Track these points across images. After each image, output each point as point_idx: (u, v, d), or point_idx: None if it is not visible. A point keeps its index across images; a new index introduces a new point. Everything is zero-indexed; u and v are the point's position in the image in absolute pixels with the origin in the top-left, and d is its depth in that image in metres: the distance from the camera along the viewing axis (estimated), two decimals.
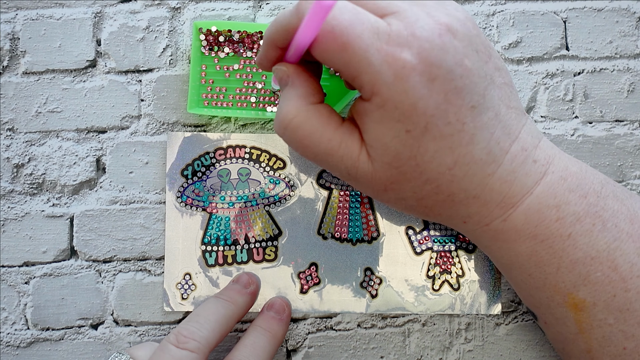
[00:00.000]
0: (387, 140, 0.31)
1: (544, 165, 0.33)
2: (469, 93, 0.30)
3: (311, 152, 0.33)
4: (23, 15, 0.43)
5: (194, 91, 0.41)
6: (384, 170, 0.32)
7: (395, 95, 0.29)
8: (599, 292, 0.33)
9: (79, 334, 0.42)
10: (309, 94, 0.33)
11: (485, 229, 0.34)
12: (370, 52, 0.29)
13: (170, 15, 0.43)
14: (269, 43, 0.33)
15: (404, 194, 0.33)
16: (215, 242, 0.42)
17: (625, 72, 0.43)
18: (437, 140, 0.30)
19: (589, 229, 0.33)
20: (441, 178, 0.31)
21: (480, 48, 0.31)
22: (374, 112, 0.30)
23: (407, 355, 0.42)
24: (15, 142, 0.42)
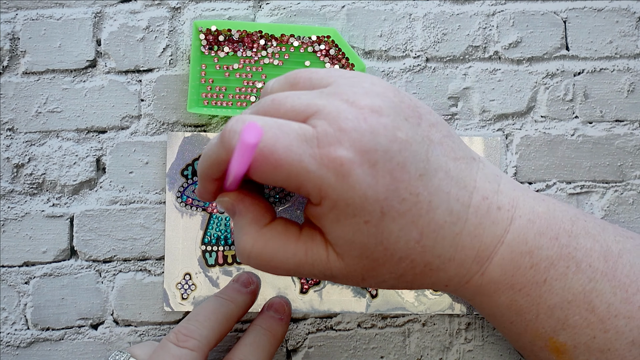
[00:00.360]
0: (350, 236, 0.30)
1: (509, 210, 0.32)
2: (412, 163, 0.30)
3: (282, 270, 0.32)
4: (23, 15, 0.43)
5: (193, 90, 0.41)
6: (355, 263, 0.31)
7: (343, 193, 0.29)
8: (578, 335, 0.33)
9: (79, 334, 0.42)
10: (258, 217, 0.32)
11: (466, 287, 0.33)
12: (306, 161, 0.28)
13: (170, 15, 0.43)
14: (204, 177, 0.32)
15: (382, 277, 0.32)
16: (215, 242, 0.42)
17: (625, 72, 0.43)
18: (397, 220, 0.30)
19: (564, 272, 0.32)
20: (413, 253, 0.31)
21: (408, 113, 0.30)
22: (328, 215, 0.30)
23: (407, 355, 0.42)
24: (15, 142, 0.42)
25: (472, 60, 0.43)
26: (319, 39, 0.41)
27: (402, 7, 0.43)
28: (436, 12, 0.43)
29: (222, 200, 0.33)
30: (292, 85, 0.33)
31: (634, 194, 0.42)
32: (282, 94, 0.31)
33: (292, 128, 0.29)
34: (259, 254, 0.32)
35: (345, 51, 0.42)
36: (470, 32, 0.43)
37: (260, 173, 0.29)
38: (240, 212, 0.32)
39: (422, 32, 0.43)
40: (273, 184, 0.30)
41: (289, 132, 0.29)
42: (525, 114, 0.43)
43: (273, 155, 0.28)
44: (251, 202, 0.32)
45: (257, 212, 0.32)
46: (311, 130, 0.29)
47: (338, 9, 0.43)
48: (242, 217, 0.32)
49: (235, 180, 0.31)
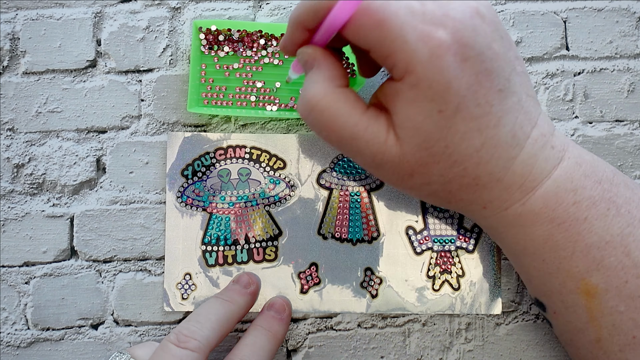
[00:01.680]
0: (419, 120, 0.31)
1: (560, 151, 0.34)
2: (497, 76, 0.31)
3: (336, 136, 0.32)
4: (23, 15, 0.43)
5: (193, 90, 0.41)
6: (413, 152, 0.31)
7: (430, 73, 0.29)
8: (611, 278, 0.33)
9: (79, 334, 0.42)
10: (335, 76, 0.33)
11: (503, 214, 0.34)
12: (406, 30, 0.29)
13: (170, 15, 0.43)
14: (296, 25, 0.32)
15: (430, 178, 0.32)
16: (215, 242, 0.42)
17: (625, 72, 0.43)
18: (467, 122, 0.31)
19: (604, 214, 0.33)
20: (469, 160, 0.32)
21: (504, 35, 0.32)
22: (406, 92, 0.30)
23: (407, 355, 0.42)
24: (15, 142, 0.42)
25: None
26: None
27: None
28: None
29: (305, 52, 0.33)
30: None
31: None
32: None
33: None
34: (323, 110, 0.32)
35: (345, 50, 0.42)
36: None
37: (359, 28, 0.30)
38: (320, 66, 0.33)
39: None
40: (365, 44, 0.30)
41: None
42: None
43: (378, 14, 0.29)
44: (333, 61, 0.33)
45: (335, 72, 0.33)
46: (419, 5, 0.30)
47: None
48: (320, 70, 0.33)
49: (329, 33, 0.31)
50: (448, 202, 0.34)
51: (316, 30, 0.32)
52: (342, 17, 0.30)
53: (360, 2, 0.29)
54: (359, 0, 0.28)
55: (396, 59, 0.30)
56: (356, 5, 0.29)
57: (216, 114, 0.42)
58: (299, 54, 0.34)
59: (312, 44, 0.33)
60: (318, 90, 0.32)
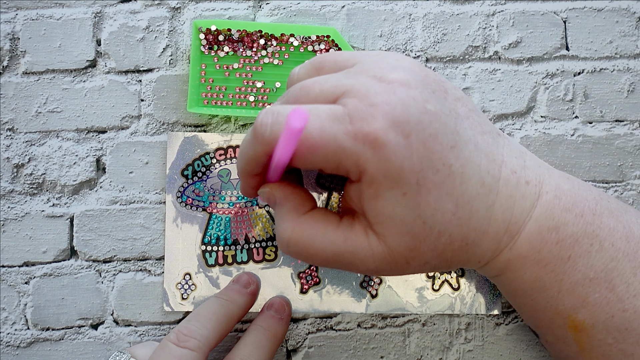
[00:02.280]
0: (389, 211, 0.30)
1: (536, 185, 0.33)
2: (444, 135, 0.30)
3: (320, 259, 0.33)
4: (23, 15, 0.43)
5: (193, 90, 0.41)
6: (398, 242, 0.31)
7: (380, 165, 0.29)
8: (597, 314, 0.33)
9: (79, 334, 0.42)
10: (298, 205, 0.33)
11: (496, 262, 0.34)
12: (340, 139, 0.29)
13: (170, 15, 0.43)
14: (244, 175, 0.33)
15: (425, 258, 0.32)
16: (215, 242, 0.42)
17: (625, 72, 0.43)
18: (433, 192, 0.30)
19: (587, 250, 0.33)
20: (450, 226, 0.31)
21: (435, 87, 0.31)
22: (367, 190, 0.30)
23: (407, 355, 0.42)
24: (15, 142, 0.42)
25: (472, 60, 0.43)
26: (319, 39, 0.41)
27: (402, 7, 0.43)
28: (436, 12, 0.43)
29: (263, 191, 0.34)
30: (317, 70, 0.33)
31: (634, 194, 0.42)
32: (309, 80, 0.32)
33: (322, 110, 0.29)
34: (298, 241, 0.32)
35: (345, 50, 0.42)
36: (470, 32, 0.43)
37: (299, 159, 0.30)
38: (280, 201, 0.33)
39: (422, 32, 0.43)
40: (313, 167, 0.31)
41: (320, 114, 0.29)
42: (525, 114, 0.43)
43: (308, 139, 0.29)
44: (291, 191, 0.33)
45: (296, 201, 0.33)
46: (342, 109, 0.29)
47: (338, 9, 0.43)
48: (282, 205, 0.33)
49: (277, 170, 0.31)
50: (449, 268, 0.34)
51: (267, 170, 0.33)
52: (285, 160, 0.30)
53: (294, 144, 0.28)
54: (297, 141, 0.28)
55: (346, 167, 0.30)
56: (294, 146, 0.29)
57: (216, 114, 0.42)
58: (260, 194, 0.34)
59: (267, 183, 0.34)
60: (286, 225, 0.33)
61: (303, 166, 0.31)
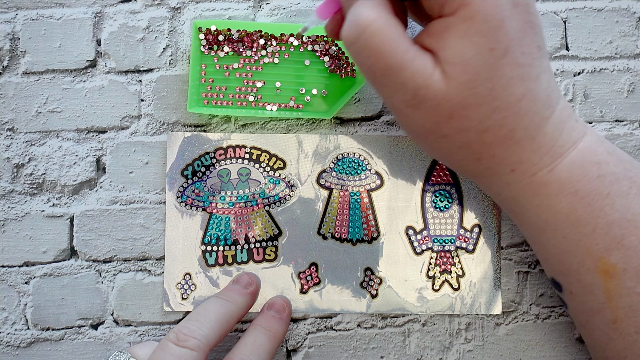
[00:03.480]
0: (470, 56, 0.30)
1: (583, 126, 0.34)
2: (537, 32, 0.32)
3: (384, 63, 0.31)
4: (23, 15, 0.43)
5: (193, 90, 0.41)
6: (458, 90, 0.31)
7: (486, 7, 0.30)
8: (631, 258, 0.33)
9: (79, 334, 0.42)
10: (388, 4, 0.31)
11: (530, 181, 0.34)
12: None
13: (170, 15, 0.43)
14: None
15: (468, 123, 0.32)
16: (215, 242, 0.42)
17: (625, 72, 0.43)
18: (513, 67, 0.31)
19: (626, 191, 0.33)
20: (509, 109, 0.32)
21: None
22: (458, 25, 0.30)
23: (407, 355, 0.42)
24: (15, 142, 0.42)
25: None
26: (319, 38, 0.41)
27: None
28: None
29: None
30: None
31: None
32: None
33: None
34: (376, 32, 0.30)
35: (345, 50, 0.42)
36: None
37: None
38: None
39: None
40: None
41: None
42: None
43: None
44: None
45: None
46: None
47: None
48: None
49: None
50: (479, 158, 0.33)
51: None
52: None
53: None
54: None
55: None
56: None
57: (216, 114, 0.42)
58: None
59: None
60: (371, 12, 0.30)
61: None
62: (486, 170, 0.34)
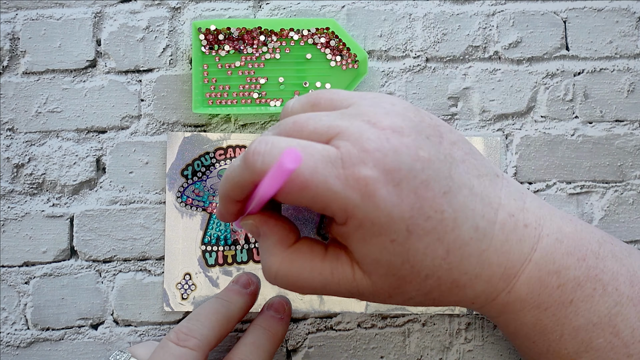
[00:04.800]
0: (376, 255, 0.30)
1: (536, 228, 0.33)
2: (436, 181, 0.30)
3: (308, 289, 0.32)
4: (23, 15, 0.43)
5: (197, 91, 0.41)
6: (382, 281, 0.31)
7: (369, 213, 0.29)
8: (601, 359, 0.33)
9: (79, 334, 0.42)
10: (283, 238, 0.32)
11: (492, 304, 0.33)
12: (331, 182, 0.28)
13: (170, 15, 0.43)
14: (226, 199, 0.32)
15: (409, 295, 0.32)
16: (215, 242, 0.42)
17: (625, 72, 0.43)
18: (423, 238, 0.30)
19: (590, 294, 0.32)
20: (439, 270, 0.31)
21: (429, 132, 0.31)
22: (354, 234, 0.30)
23: (407, 355, 0.42)
24: (15, 142, 0.42)
25: (472, 60, 0.43)
26: (319, 31, 0.42)
27: (402, 7, 0.43)
28: (436, 12, 0.43)
29: (246, 224, 0.33)
30: (313, 106, 0.33)
31: (634, 194, 0.42)
32: (303, 116, 0.31)
33: (317, 149, 0.29)
34: (286, 275, 0.32)
35: (346, 41, 0.42)
36: (470, 32, 0.43)
37: (286, 195, 0.29)
38: (265, 234, 0.33)
39: (422, 32, 0.43)
40: (298, 204, 0.30)
41: (314, 154, 0.29)
42: (525, 114, 0.43)
43: (299, 177, 0.28)
44: (275, 224, 0.33)
45: (281, 233, 0.33)
46: (335, 151, 0.29)
47: (338, 9, 0.43)
48: (267, 238, 0.33)
49: (260, 203, 0.31)
50: (439, 305, 0.34)
51: (249, 198, 0.32)
52: (269, 194, 0.29)
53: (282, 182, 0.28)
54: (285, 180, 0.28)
55: (333, 209, 0.29)
56: (280, 185, 0.28)
57: (222, 113, 0.42)
58: (243, 225, 0.34)
59: (248, 214, 0.33)
60: (273, 259, 0.32)
61: (288, 202, 0.30)
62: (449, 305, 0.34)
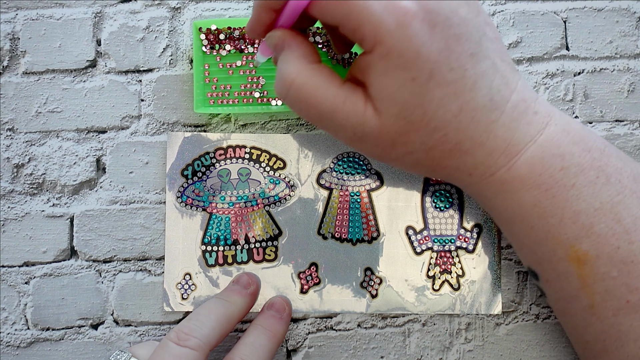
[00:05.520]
0: (394, 90, 0.31)
1: (545, 117, 0.33)
2: (467, 40, 0.31)
3: (315, 111, 0.32)
4: (23, 15, 0.43)
5: (199, 91, 0.41)
6: (392, 122, 0.31)
7: (399, 42, 0.29)
8: (602, 245, 0.33)
9: (79, 334, 0.42)
10: (307, 54, 0.33)
11: (490, 180, 0.34)
12: (370, 2, 0.29)
13: (170, 15, 0.43)
14: (261, 6, 0.33)
15: (412, 147, 0.32)
16: (215, 242, 0.42)
17: (625, 72, 0.43)
18: (442, 87, 0.31)
19: (593, 181, 0.33)
20: (448, 126, 0.32)
21: (471, 2, 0.32)
22: (378, 63, 0.30)
23: (407, 355, 0.42)
24: (15, 142, 0.42)
25: None
26: (319, 30, 0.42)
27: None
28: None
29: (274, 35, 0.33)
30: None
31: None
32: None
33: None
34: (300, 87, 0.32)
35: None
36: None
37: (323, 6, 0.30)
38: (290, 46, 0.33)
39: None
40: (332, 20, 0.30)
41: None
42: None
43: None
44: (302, 40, 0.33)
45: (306, 50, 0.33)
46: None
47: None
48: (291, 51, 0.33)
49: (295, 12, 0.31)
50: (433, 171, 0.34)
51: (282, 10, 0.32)
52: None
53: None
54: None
55: (364, 31, 0.30)
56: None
57: (223, 113, 0.42)
58: (268, 38, 0.34)
59: (278, 27, 0.33)
60: (292, 69, 0.32)
61: (323, 16, 0.31)
62: (445, 176, 0.35)
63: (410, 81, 0.30)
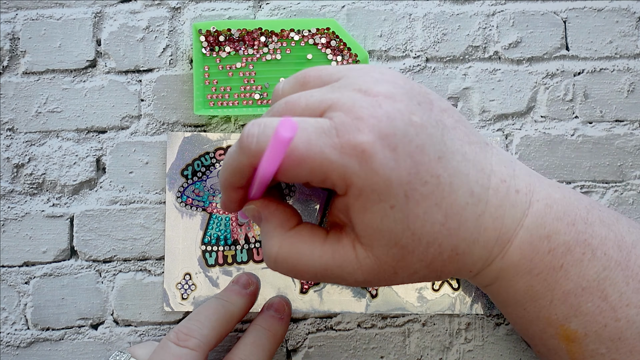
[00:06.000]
0: (377, 223, 0.30)
1: (526, 194, 0.33)
2: (430, 146, 0.30)
3: (308, 275, 0.32)
4: (23, 15, 0.43)
5: (198, 93, 0.41)
6: (385, 253, 0.31)
7: (367, 179, 0.29)
8: (590, 323, 0.33)
9: (79, 334, 0.42)
10: (284, 221, 0.33)
11: (488, 271, 0.34)
12: (327, 152, 0.29)
13: (170, 15, 0.43)
14: (227, 187, 0.33)
15: (413, 267, 0.32)
16: (215, 242, 0.42)
17: (625, 72, 0.43)
18: (421, 203, 0.30)
19: (580, 259, 0.33)
20: (440, 236, 0.31)
21: (420, 99, 0.31)
22: (355, 203, 0.30)
23: (407, 355, 0.42)
24: (15, 142, 0.42)
25: (472, 60, 0.43)
26: (319, 31, 0.42)
27: (402, 7, 0.43)
28: (436, 12, 0.43)
29: (248, 209, 0.33)
30: (302, 85, 0.33)
31: (634, 194, 0.42)
32: (294, 95, 0.31)
33: (309, 123, 0.29)
34: (285, 258, 0.32)
35: (347, 41, 0.42)
36: (470, 32, 0.43)
37: (287, 173, 0.30)
38: (267, 218, 0.33)
39: (422, 32, 0.43)
40: (298, 180, 0.30)
41: (306, 127, 0.29)
42: (525, 114, 0.43)
43: (295, 152, 0.28)
44: (276, 207, 0.33)
45: (282, 217, 0.33)
46: (328, 122, 0.29)
47: (338, 9, 0.43)
48: (268, 222, 0.33)
49: (262, 184, 0.31)
50: (439, 277, 0.34)
51: (250, 184, 0.32)
52: (270, 173, 0.29)
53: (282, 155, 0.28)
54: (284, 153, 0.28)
55: (332, 180, 0.30)
56: (281, 158, 0.28)
57: (223, 115, 0.42)
58: (245, 211, 0.34)
59: (251, 199, 0.33)
60: (273, 242, 0.32)
61: (288, 180, 0.31)
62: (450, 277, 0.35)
63: (390, 210, 0.30)
